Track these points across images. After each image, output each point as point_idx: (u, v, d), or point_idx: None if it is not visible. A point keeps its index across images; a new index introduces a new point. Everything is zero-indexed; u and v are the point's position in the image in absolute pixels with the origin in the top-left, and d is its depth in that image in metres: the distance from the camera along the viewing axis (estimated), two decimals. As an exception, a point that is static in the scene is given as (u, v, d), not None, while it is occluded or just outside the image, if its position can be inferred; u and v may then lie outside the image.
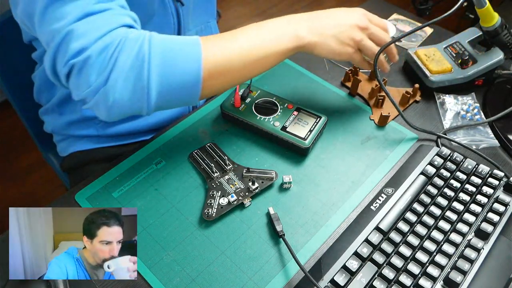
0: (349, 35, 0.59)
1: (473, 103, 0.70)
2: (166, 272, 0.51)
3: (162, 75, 0.48)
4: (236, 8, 2.30)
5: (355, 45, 0.60)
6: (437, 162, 0.59)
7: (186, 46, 0.50)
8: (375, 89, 0.70)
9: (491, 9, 0.63)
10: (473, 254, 0.49)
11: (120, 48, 0.47)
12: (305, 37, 0.57)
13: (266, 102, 0.66)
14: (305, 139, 0.61)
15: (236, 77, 0.55)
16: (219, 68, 0.52)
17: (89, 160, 0.78)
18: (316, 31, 0.58)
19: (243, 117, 0.64)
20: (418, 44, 0.84)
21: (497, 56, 0.70)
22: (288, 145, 0.62)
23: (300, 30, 0.57)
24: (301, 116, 0.64)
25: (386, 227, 0.52)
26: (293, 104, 0.65)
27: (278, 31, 0.56)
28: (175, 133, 0.66)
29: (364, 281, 0.47)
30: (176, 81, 0.49)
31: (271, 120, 0.63)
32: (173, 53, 0.49)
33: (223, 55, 0.52)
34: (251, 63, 0.54)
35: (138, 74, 0.47)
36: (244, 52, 0.53)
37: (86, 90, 0.47)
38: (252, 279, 0.50)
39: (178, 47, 0.49)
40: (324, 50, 0.59)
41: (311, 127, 0.62)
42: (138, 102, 0.48)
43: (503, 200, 0.54)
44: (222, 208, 0.55)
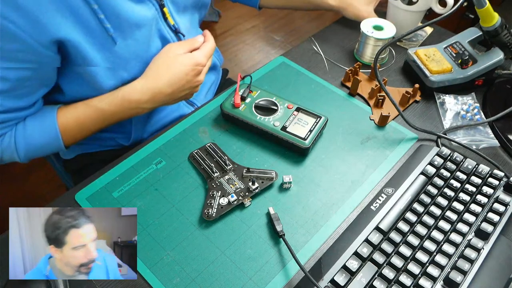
0: (188, 90, 0.66)
1: (473, 103, 0.70)
2: (166, 272, 0.51)
3: (28, 158, 0.63)
4: (236, 8, 2.30)
5: (194, 91, 0.68)
6: (437, 162, 0.59)
7: (48, 145, 0.63)
8: (375, 89, 0.70)
9: (491, 9, 0.63)
10: (473, 254, 0.49)
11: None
12: (143, 115, 0.69)
13: (266, 102, 0.66)
14: (305, 139, 0.61)
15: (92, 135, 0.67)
16: (78, 141, 0.66)
17: (93, 160, 0.78)
18: (157, 105, 0.66)
19: (243, 117, 0.64)
20: (419, 44, 0.84)
21: (497, 56, 0.70)
22: (288, 145, 0.62)
23: (141, 112, 0.65)
24: (301, 116, 0.64)
25: (386, 227, 0.52)
26: (293, 104, 0.65)
27: (118, 117, 0.65)
28: (175, 133, 0.66)
29: (364, 281, 0.47)
30: (43, 156, 0.67)
31: (271, 120, 0.63)
32: (36, 146, 0.62)
33: (79, 138, 0.65)
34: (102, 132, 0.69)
35: (8, 161, 0.63)
36: (94, 132, 0.66)
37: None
38: (252, 279, 0.50)
39: (39, 144, 0.62)
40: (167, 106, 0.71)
41: (311, 127, 0.62)
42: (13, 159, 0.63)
43: (503, 200, 0.54)
44: (222, 208, 0.55)
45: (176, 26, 0.68)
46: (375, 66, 0.62)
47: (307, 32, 2.17)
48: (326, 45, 0.83)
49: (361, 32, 0.76)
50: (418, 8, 0.78)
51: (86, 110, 0.63)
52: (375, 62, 0.62)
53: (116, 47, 0.59)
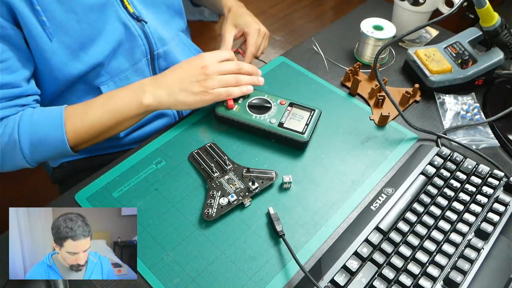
0: (197, 83, 0.62)
1: (473, 103, 0.70)
2: (166, 272, 0.51)
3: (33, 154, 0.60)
4: (236, 8, 2.30)
5: (207, 88, 0.62)
6: (437, 162, 0.59)
7: (50, 132, 0.59)
8: (375, 89, 0.70)
9: (491, 9, 0.63)
10: (473, 254, 0.49)
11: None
12: (150, 104, 0.62)
13: (259, 100, 0.66)
14: (303, 133, 0.61)
15: (100, 138, 0.64)
16: (84, 137, 0.62)
17: (79, 169, 0.78)
18: (162, 94, 0.62)
19: (239, 117, 0.64)
20: (423, 45, 0.83)
21: (497, 56, 0.70)
22: (287, 140, 0.62)
23: (145, 98, 0.61)
24: (296, 111, 0.64)
25: (386, 227, 0.52)
26: (285, 100, 0.66)
27: (122, 101, 0.62)
28: (175, 133, 0.66)
29: (364, 281, 0.47)
30: (49, 156, 0.62)
31: (267, 118, 0.63)
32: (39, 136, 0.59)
33: (82, 129, 0.61)
34: (108, 129, 0.63)
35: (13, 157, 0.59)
36: (98, 123, 0.62)
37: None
38: (252, 279, 0.50)
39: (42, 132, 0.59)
40: (179, 107, 0.63)
41: (307, 120, 0.63)
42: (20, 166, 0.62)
43: (503, 200, 0.54)
44: (222, 208, 0.55)
45: (137, 14, 0.68)
46: (375, 66, 0.62)
47: (307, 32, 2.16)
48: (326, 45, 0.83)
49: (361, 32, 0.76)
50: (424, 9, 0.78)
51: (94, 98, 0.63)
52: (375, 62, 0.62)
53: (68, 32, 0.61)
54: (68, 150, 0.61)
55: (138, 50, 0.71)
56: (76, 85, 0.68)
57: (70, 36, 0.61)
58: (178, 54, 0.78)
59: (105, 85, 0.69)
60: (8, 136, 0.58)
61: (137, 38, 0.69)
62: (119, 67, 0.70)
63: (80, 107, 0.62)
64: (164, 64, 0.76)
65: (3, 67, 0.58)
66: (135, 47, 0.70)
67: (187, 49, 0.83)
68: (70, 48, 0.62)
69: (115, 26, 0.66)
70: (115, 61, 0.68)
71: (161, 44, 0.74)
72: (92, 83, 0.68)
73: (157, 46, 0.73)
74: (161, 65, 0.76)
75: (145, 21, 0.70)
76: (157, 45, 0.73)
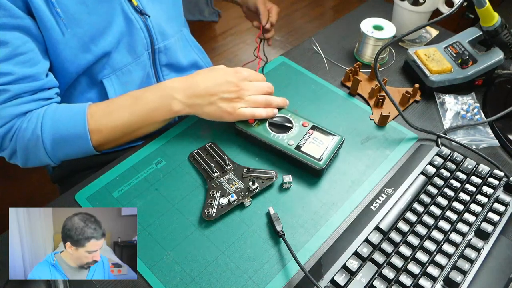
0: (227, 100, 0.61)
1: (473, 103, 0.70)
2: (166, 272, 0.51)
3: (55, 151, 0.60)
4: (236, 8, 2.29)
5: (234, 109, 0.61)
6: (437, 162, 0.59)
7: (73, 129, 0.59)
8: (375, 89, 0.70)
9: (491, 9, 0.63)
10: (473, 254, 0.49)
11: (15, 137, 0.59)
12: (179, 111, 0.61)
13: (280, 118, 0.63)
14: (320, 159, 0.58)
15: (125, 140, 0.64)
16: (108, 137, 0.61)
17: (79, 169, 0.77)
18: (191, 103, 0.61)
19: (256, 134, 0.61)
20: (423, 45, 0.83)
21: (497, 56, 0.70)
22: (302, 165, 0.59)
23: (174, 105, 0.61)
24: (317, 135, 0.61)
25: (386, 227, 0.52)
26: (308, 122, 0.63)
27: (151, 105, 0.61)
28: (175, 133, 0.66)
29: (364, 281, 0.47)
30: (72, 154, 0.62)
31: (285, 138, 0.60)
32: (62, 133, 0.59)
33: (107, 129, 0.61)
34: (134, 130, 0.62)
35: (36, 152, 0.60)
36: (127, 124, 0.61)
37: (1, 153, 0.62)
38: (252, 279, 0.50)
39: (64, 129, 0.59)
40: (201, 115, 0.63)
41: (326, 147, 0.60)
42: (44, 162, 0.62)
43: (503, 200, 0.54)
44: (222, 208, 0.55)
45: (141, 8, 0.68)
46: (375, 66, 0.62)
47: (307, 32, 2.16)
48: (326, 45, 0.83)
49: (361, 32, 0.76)
50: (424, 9, 0.78)
51: (118, 97, 0.63)
52: (375, 62, 0.62)
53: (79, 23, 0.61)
54: (91, 149, 0.60)
55: (139, 43, 0.70)
56: (80, 77, 0.68)
57: (82, 28, 0.61)
58: (178, 49, 0.78)
59: (107, 78, 0.69)
60: (31, 131, 0.58)
61: (139, 31, 0.69)
62: (122, 61, 0.69)
63: (104, 106, 0.61)
64: (165, 58, 0.76)
65: (25, 59, 0.57)
66: (137, 40, 0.70)
67: (188, 46, 0.83)
68: (81, 40, 0.62)
69: (120, 18, 0.66)
70: (118, 54, 0.68)
71: (162, 39, 0.74)
72: (96, 77, 0.68)
73: (158, 40, 0.73)
74: (162, 60, 0.76)
75: (147, 15, 0.70)
76: (158, 39, 0.73)
